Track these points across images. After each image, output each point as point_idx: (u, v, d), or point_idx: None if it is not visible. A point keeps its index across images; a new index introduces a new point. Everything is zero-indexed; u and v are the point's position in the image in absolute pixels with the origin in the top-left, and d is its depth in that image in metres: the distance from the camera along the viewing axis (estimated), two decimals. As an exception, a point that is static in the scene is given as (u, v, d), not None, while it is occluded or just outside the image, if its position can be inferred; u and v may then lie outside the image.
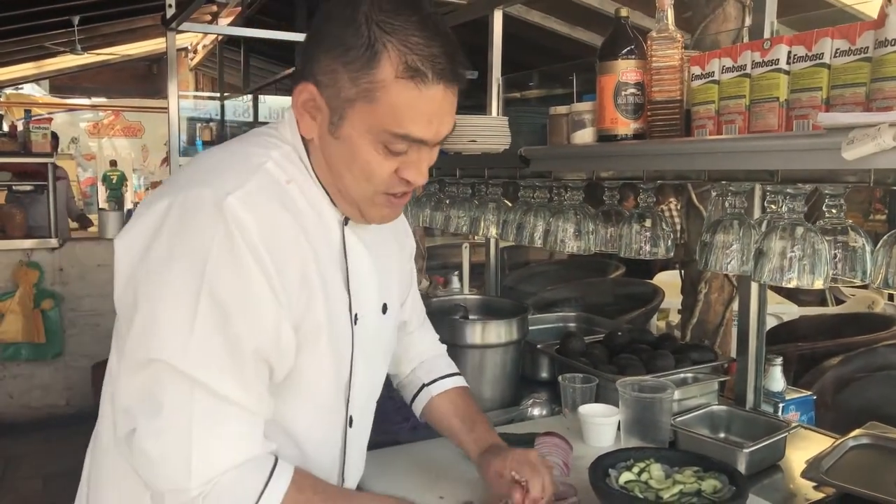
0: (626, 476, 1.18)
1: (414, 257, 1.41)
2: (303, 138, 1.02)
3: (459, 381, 1.37)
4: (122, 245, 0.95)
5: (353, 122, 0.95)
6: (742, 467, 1.33)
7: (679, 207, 5.11)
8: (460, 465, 1.40)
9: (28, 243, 4.68)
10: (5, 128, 5.72)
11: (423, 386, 1.35)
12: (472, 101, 2.76)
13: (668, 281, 4.07)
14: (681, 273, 2.94)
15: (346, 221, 1.06)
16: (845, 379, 2.25)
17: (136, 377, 0.91)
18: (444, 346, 1.44)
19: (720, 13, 2.91)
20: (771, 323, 3.73)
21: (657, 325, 4.36)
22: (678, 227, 5.03)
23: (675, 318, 3.90)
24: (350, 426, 1.10)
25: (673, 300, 3.42)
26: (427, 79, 0.92)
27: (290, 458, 1.00)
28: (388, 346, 1.22)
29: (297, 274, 0.96)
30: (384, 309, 1.15)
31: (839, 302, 4.89)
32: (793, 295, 4.32)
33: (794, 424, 1.49)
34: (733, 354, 1.79)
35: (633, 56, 1.50)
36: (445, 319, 1.79)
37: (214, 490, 0.89)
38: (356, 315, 1.07)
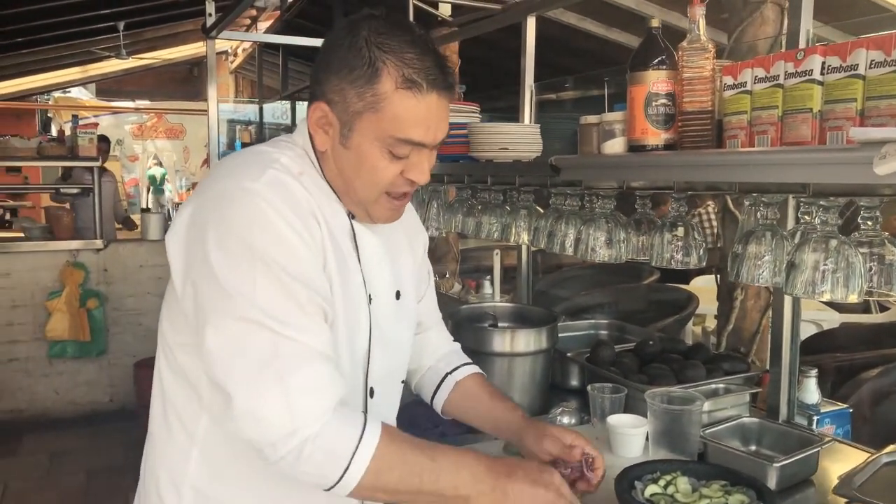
0: (651, 489, 1.18)
1: (446, 259, 1.45)
2: (315, 150, 1.14)
3: (478, 369, 1.44)
4: (171, 246, 1.07)
5: (362, 132, 1.07)
6: (772, 482, 1.32)
7: (716, 212, 5.04)
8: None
9: (74, 244, 4.82)
10: (54, 132, 5.91)
11: (447, 375, 1.40)
12: (504, 102, 2.77)
13: (705, 286, 4.01)
14: (717, 279, 2.90)
15: (351, 215, 1.16)
16: (884, 391, 2.19)
17: (218, 347, 0.99)
18: (458, 344, 1.51)
19: (758, 16, 2.87)
20: (810, 330, 3.66)
21: (693, 330, 4.30)
22: (714, 232, 4.98)
23: (711, 324, 3.84)
24: (371, 397, 1.18)
25: (709, 306, 3.38)
26: (423, 88, 1.05)
27: None
28: (406, 330, 1.29)
29: (318, 242, 1.06)
30: (398, 295, 1.24)
31: (883, 309, 4.77)
32: (834, 302, 4.23)
33: (827, 438, 1.47)
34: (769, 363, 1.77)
35: (665, 66, 1.49)
36: (474, 327, 1.81)
37: (321, 431, 0.97)
38: (370, 295, 1.16)
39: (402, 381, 1.31)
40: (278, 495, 1.10)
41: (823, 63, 1.24)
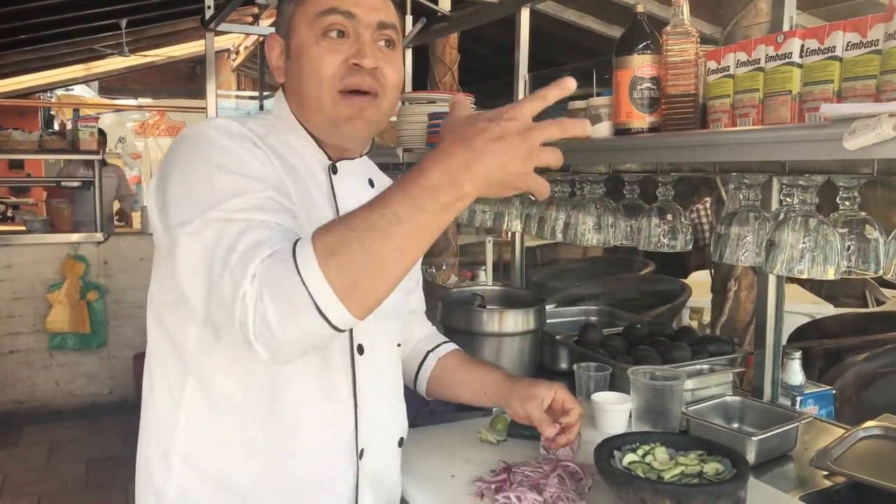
0: (630, 457, 1.21)
1: (445, 254, 1.48)
2: (287, 102, 1.17)
3: (456, 346, 1.49)
4: (149, 203, 1.07)
5: (296, 29, 1.12)
6: (751, 455, 1.35)
7: (709, 210, 5.08)
8: (474, 445, 1.48)
9: (75, 237, 4.86)
10: (55, 127, 5.95)
11: (428, 353, 1.45)
12: (504, 98, 2.80)
13: (703, 280, 4.03)
14: (711, 272, 2.94)
15: (334, 170, 1.17)
16: (870, 375, 2.22)
17: (187, 257, 0.95)
18: (435, 327, 1.55)
19: (752, 8, 2.91)
20: (803, 321, 3.69)
21: (690, 323, 4.33)
22: (711, 227, 5.00)
23: (708, 318, 3.87)
24: (360, 353, 1.14)
25: (705, 299, 3.40)
26: None
27: (303, 376, 1.09)
28: (394, 299, 1.22)
29: (283, 185, 1.04)
30: None
31: (880, 303, 4.79)
32: (832, 296, 4.25)
33: (805, 416, 1.50)
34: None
35: (649, 51, 1.52)
36: (464, 308, 1.84)
37: (261, 276, 0.85)
38: None
39: (399, 345, 1.30)
40: (263, 461, 1.10)
41: (802, 46, 1.27)
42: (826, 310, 3.86)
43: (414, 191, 0.82)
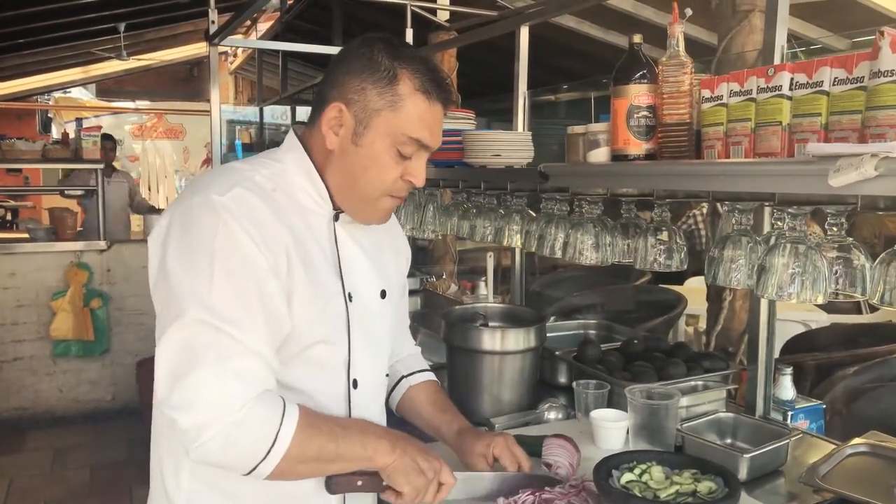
0: (627, 476, 1.27)
1: (444, 261, 1.56)
2: (312, 154, 1.24)
3: (433, 376, 1.55)
4: (152, 246, 1.16)
5: (377, 129, 1.19)
6: (743, 472, 1.41)
7: (705, 216, 5.13)
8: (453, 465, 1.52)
9: (78, 245, 4.91)
10: (54, 132, 5.98)
11: (402, 377, 1.52)
12: (503, 103, 2.84)
13: (699, 287, 4.08)
14: (707, 280, 2.98)
15: (336, 217, 1.25)
16: (858, 389, 2.28)
17: (171, 341, 1.08)
18: (419, 348, 1.62)
19: (746, 24, 2.96)
20: (798, 330, 3.74)
21: (686, 330, 4.38)
22: (706, 234, 5.05)
23: (703, 325, 3.92)
24: (355, 388, 1.26)
25: (702, 306, 3.46)
26: (433, 96, 1.20)
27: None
28: (390, 325, 1.38)
29: (281, 250, 1.14)
30: (383, 294, 1.33)
31: (874, 310, 4.84)
32: (826, 303, 4.30)
33: (796, 432, 1.56)
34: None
35: (646, 80, 1.58)
36: (465, 327, 1.90)
37: (246, 416, 1.05)
38: (350, 294, 1.24)
39: (387, 375, 1.41)
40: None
41: (792, 79, 1.33)
42: (819, 317, 3.92)
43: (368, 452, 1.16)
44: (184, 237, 1.11)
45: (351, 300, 1.24)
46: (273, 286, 1.12)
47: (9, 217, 9.25)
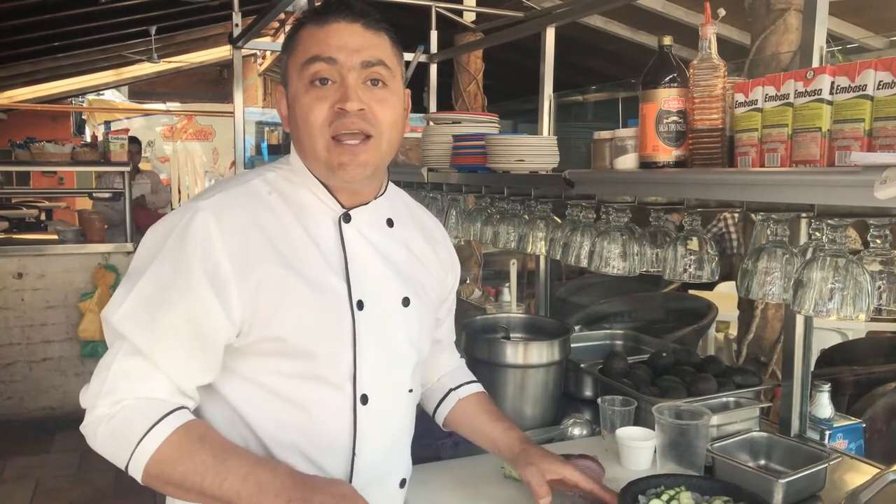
0: (654, 503, 1.20)
1: (469, 264, 1.50)
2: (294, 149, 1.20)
3: (481, 388, 1.48)
4: None
5: (290, 79, 1.16)
6: (778, 498, 1.33)
7: (736, 220, 5.00)
8: (499, 481, 1.47)
9: (106, 247, 4.94)
10: (87, 134, 6.08)
11: (450, 391, 1.45)
12: (531, 104, 2.78)
13: (729, 293, 3.99)
14: (739, 293, 2.89)
15: (346, 218, 1.19)
16: (900, 406, 2.18)
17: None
18: (464, 360, 1.55)
19: (781, 23, 2.87)
20: (834, 339, 3.62)
21: (716, 336, 4.28)
22: (738, 238, 4.92)
23: (734, 331, 3.82)
24: (364, 404, 1.16)
25: (733, 313, 3.36)
26: (323, 17, 1.14)
27: (296, 422, 1.13)
28: (416, 335, 1.26)
29: (256, 256, 1.10)
30: (405, 302, 1.23)
31: (914, 316, 4.67)
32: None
33: (836, 455, 1.47)
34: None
35: (676, 84, 1.51)
36: (487, 339, 1.84)
37: (119, 413, 1.06)
38: (360, 301, 1.16)
39: (410, 391, 1.27)
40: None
41: (832, 83, 1.25)
42: (856, 325, 3.79)
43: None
44: (148, 235, 1.13)
45: (361, 308, 1.15)
46: (208, 297, 1.07)
47: (43, 217, 9.44)
